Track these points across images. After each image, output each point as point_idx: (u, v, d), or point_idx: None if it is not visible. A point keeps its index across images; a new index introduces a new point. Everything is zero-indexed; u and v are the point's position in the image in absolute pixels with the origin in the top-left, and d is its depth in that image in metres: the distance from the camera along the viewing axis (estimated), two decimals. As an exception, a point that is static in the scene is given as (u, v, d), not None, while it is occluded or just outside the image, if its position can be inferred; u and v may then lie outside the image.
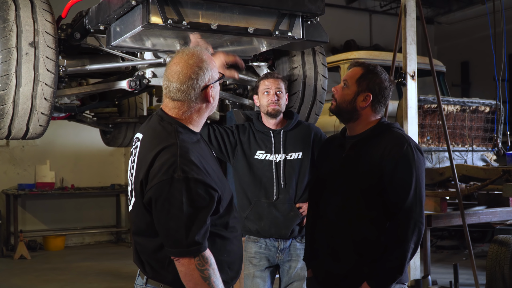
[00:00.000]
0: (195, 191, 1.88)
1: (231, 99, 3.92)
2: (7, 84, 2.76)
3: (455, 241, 8.49)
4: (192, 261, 1.87)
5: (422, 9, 4.53)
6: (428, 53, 4.71)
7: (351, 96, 2.47)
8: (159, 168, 1.89)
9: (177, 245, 1.88)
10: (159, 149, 1.93)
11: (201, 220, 1.89)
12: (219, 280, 1.92)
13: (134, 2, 2.58)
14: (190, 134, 2.05)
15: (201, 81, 2.01)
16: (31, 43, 2.79)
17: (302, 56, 3.62)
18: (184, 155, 1.91)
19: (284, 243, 3.21)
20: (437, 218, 5.09)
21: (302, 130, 3.25)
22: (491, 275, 5.11)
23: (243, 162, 3.24)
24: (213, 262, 1.92)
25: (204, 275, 1.88)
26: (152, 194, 1.90)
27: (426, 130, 5.70)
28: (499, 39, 6.11)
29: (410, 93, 4.39)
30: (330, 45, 11.89)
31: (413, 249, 2.33)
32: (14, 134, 2.96)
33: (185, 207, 1.86)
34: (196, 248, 1.87)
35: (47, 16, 2.88)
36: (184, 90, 2.00)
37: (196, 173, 1.89)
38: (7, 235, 8.60)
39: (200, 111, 2.08)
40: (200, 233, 1.88)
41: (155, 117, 2.11)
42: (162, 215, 1.89)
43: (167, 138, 1.97)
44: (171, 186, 1.86)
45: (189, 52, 2.04)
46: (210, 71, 2.04)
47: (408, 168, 2.34)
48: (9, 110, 2.81)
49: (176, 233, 1.87)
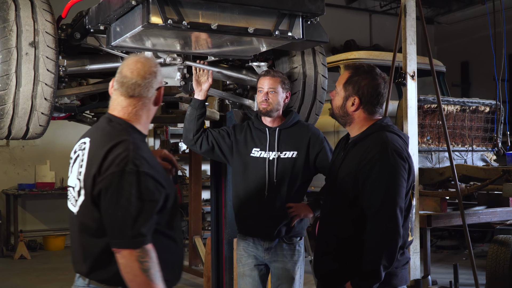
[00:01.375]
0: (145, 185, 1.94)
1: (231, 99, 3.92)
2: (7, 84, 2.76)
3: (455, 241, 8.49)
4: (133, 253, 1.91)
5: (422, 9, 4.53)
6: (428, 53, 4.70)
7: (340, 102, 2.47)
8: (112, 161, 1.96)
9: (121, 236, 1.92)
10: (112, 144, 2.00)
11: (148, 213, 1.94)
12: (158, 274, 1.94)
13: (134, 2, 2.58)
14: (138, 134, 2.11)
15: (157, 80, 2.12)
16: (31, 43, 2.79)
17: (302, 56, 3.62)
18: (136, 150, 1.98)
19: (270, 243, 3.17)
20: (437, 218, 5.08)
21: (299, 129, 3.23)
22: (491, 275, 5.11)
23: (239, 161, 3.24)
24: (154, 256, 1.95)
25: (143, 266, 1.91)
26: (102, 185, 1.95)
27: (426, 130, 5.69)
28: (499, 39, 6.12)
29: (410, 93, 4.39)
30: (330, 45, 11.89)
31: (388, 256, 2.27)
32: (14, 134, 2.96)
33: (133, 199, 1.91)
34: (140, 240, 1.92)
35: (47, 16, 2.88)
36: (143, 86, 2.08)
37: (147, 168, 1.96)
38: (7, 235, 8.60)
39: (149, 113, 2.16)
40: (146, 226, 1.93)
41: (102, 119, 2.16)
42: (111, 205, 1.94)
43: (119, 135, 2.03)
44: (121, 178, 1.92)
45: (144, 56, 2.19)
46: (162, 76, 2.17)
47: (382, 174, 2.29)
48: (9, 110, 2.81)
49: (122, 223, 1.92)
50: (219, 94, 3.95)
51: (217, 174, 5.20)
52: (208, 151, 3.32)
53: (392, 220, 2.28)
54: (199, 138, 3.30)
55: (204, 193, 8.83)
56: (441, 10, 13.05)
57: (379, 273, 2.28)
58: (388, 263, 2.29)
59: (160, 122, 8.97)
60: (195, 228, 7.06)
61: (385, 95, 2.47)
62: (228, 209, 5.02)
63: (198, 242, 6.77)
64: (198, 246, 6.70)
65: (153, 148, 10.22)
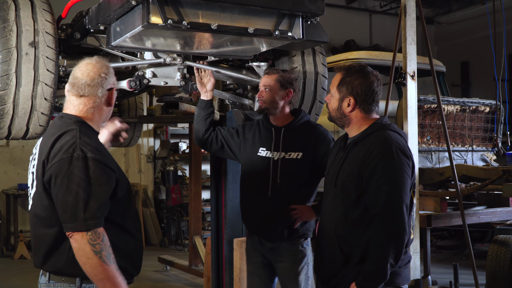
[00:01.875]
0: (93, 169, 2.02)
1: (231, 99, 3.92)
2: (7, 84, 2.76)
3: (455, 241, 8.49)
4: (85, 235, 1.97)
5: (422, 9, 4.53)
6: (428, 53, 4.70)
7: (336, 104, 2.48)
8: (60, 148, 2.05)
9: (73, 219, 1.97)
10: (60, 133, 2.10)
11: (100, 196, 2.01)
12: (111, 256, 1.99)
13: (134, 2, 2.58)
14: (89, 128, 2.18)
15: (108, 82, 2.21)
16: (31, 43, 2.79)
17: (302, 56, 3.62)
18: (83, 138, 2.07)
19: (273, 243, 3.13)
20: (437, 218, 5.08)
21: (306, 130, 3.16)
22: (491, 275, 5.11)
23: (246, 160, 3.23)
24: (106, 239, 2.00)
25: (95, 249, 1.96)
26: (52, 172, 2.03)
27: (426, 130, 5.69)
28: (499, 39, 6.12)
29: (410, 93, 4.38)
30: (330, 45, 11.90)
31: (394, 253, 2.27)
32: (14, 134, 2.96)
33: (83, 183, 1.98)
34: (92, 222, 1.98)
35: (47, 16, 2.88)
36: (93, 85, 2.17)
37: (94, 153, 2.05)
38: (7, 235, 8.60)
39: (101, 112, 2.24)
40: (99, 209, 2.00)
41: (55, 118, 2.26)
42: (61, 191, 2.00)
43: (67, 126, 2.13)
44: (70, 163, 2.00)
45: (97, 58, 2.26)
46: (114, 78, 2.26)
47: (387, 171, 2.30)
48: (9, 110, 2.81)
49: (74, 207, 1.98)
50: (219, 94, 3.95)
51: (217, 174, 5.20)
52: (218, 150, 3.33)
53: (399, 218, 2.28)
54: (208, 137, 3.31)
55: (204, 193, 8.83)
56: (441, 10, 13.06)
57: (386, 271, 2.27)
58: (394, 261, 2.28)
59: (160, 122, 8.99)
60: (195, 228, 7.06)
61: (379, 92, 2.47)
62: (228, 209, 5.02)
63: (198, 242, 6.77)
64: (198, 246, 6.70)
65: (154, 148, 10.22)
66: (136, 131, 5.42)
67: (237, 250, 4.57)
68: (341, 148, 2.57)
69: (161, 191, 10.08)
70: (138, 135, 5.49)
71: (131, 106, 5.28)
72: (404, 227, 2.28)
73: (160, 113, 8.21)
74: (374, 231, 2.31)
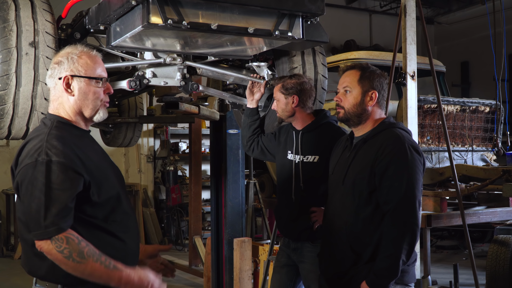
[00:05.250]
0: (56, 174, 1.93)
1: (231, 99, 3.92)
2: (7, 84, 2.76)
3: (455, 241, 8.50)
4: (50, 243, 1.91)
5: (422, 9, 4.53)
6: (428, 53, 4.70)
7: (358, 99, 2.49)
8: (26, 153, 1.99)
9: (37, 227, 1.92)
10: (29, 139, 2.05)
11: (61, 201, 1.93)
12: (84, 251, 1.92)
13: (134, 2, 2.58)
14: (71, 128, 2.10)
15: (60, 70, 2.09)
16: (31, 43, 2.79)
17: (302, 56, 3.61)
18: (50, 141, 1.98)
19: (296, 244, 3.22)
20: (437, 218, 5.08)
21: (323, 132, 3.19)
22: (491, 275, 5.11)
23: (279, 162, 3.34)
24: (73, 238, 1.92)
25: (64, 254, 1.91)
26: (18, 178, 1.99)
27: (426, 130, 5.69)
28: (499, 39, 6.12)
29: (410, 93, 4.38)
30: (330, 45, 11.90)
31: (407, 250, 2.29)
32: (14, 134, 2.96)
33: (45, 188, 1.92)
34: (53, 229, 1.91)
35: (47, 16, 2.88)
36: (49, 76, 2.11)
37: (59, 156, 1.95)
38: (7, 235, 8.61)
39: (65, 104, 2.12)
40: (59, 214, 1.92)
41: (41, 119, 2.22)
42: (26, 198, 1.96)
43: (39, 130, 2.07)
44: (34, 169, 1.94)
45: (67, 48, 2.15)
46: (77, 64, 2.09)
47: (400, 168, 2.32)
48: (9, 110, 2.81)
49: (36, 214, 1.92)
50: (219, 94, 3.95)
51: (217, 174, 5.20)
52: (259, 154, 3.49)
53: (413, 214, 2.30)
54: (252, 143, 3.48)
55: (204, 193, 8.84)
56: (441, 10, 13.06)
57: (397, 268, 2.28)
58: (406, 257, 2.30)
59: (160, 122, 8.98)
60: (195, 228, 7.07)
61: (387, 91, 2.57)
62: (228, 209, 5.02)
63: (198, 242, 6.77)
64: (198, 246, 6.70)
65: (154, 148, 10.22)
66: (136, 131, 5.42)
67: (237, 250, 4.57)
68: (346, 147, 2.57)
69: (161, 191, 10.09)
70: (138, 135, 5.50)
71: (131, 106, 5.28)
72: (417, 223, 2.31)
73: (160, 113, 8.20)
74: (387, 228, 2.32)
